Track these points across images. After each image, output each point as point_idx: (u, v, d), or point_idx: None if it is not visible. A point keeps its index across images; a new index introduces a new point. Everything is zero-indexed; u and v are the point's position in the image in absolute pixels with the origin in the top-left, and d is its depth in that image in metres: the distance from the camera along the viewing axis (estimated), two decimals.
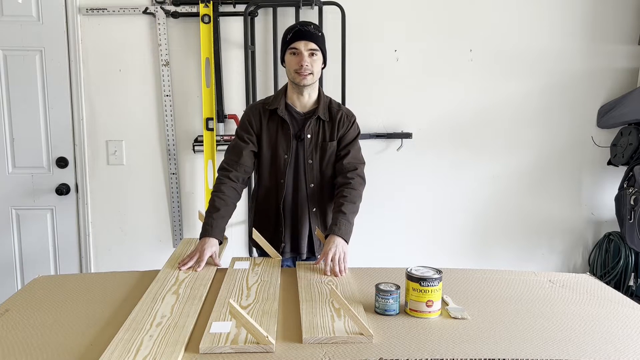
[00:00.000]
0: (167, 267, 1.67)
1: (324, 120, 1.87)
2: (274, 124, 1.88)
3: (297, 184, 1.90)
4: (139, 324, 1.24)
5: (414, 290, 1.34)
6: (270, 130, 1.88)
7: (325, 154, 1.88)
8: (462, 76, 2.73)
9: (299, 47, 1.77)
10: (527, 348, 1.18)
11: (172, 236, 2.83)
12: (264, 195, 1.94)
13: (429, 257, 2.81)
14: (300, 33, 1.78)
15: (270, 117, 1.88)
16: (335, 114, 1.88)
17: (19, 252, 2.78)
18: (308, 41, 1.77)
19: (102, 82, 2.70)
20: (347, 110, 1.94)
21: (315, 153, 1.88)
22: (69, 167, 2.72)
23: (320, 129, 1.88)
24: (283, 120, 1.86)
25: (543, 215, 2.87)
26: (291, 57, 1.80)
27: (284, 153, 1.86)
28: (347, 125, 1.89)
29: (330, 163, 1.90)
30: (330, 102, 1.93)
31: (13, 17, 2.59)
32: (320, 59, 1.82)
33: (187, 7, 2.62)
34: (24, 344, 1.20)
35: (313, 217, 1.91)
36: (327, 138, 1.88)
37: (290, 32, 1.80)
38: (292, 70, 1.80)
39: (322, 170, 1.90)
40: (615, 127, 2.74)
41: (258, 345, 1.15)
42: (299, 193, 1.90)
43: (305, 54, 1.77)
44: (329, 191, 1.93)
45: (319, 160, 1.89)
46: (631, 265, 2.68)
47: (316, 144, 1.88)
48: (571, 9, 2.69)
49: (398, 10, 2.67)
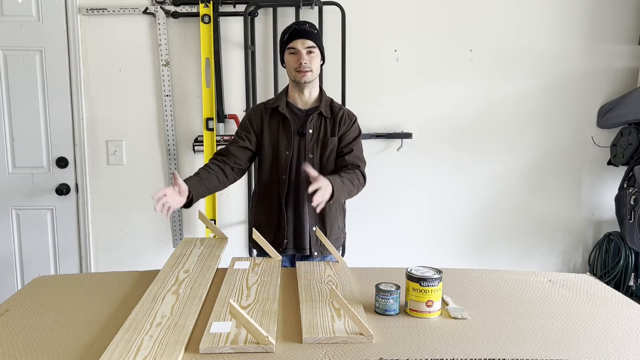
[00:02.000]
0: (167, 267, 1.67)
1: (325, 117, 1.91)
2: (276, 122, 1.92)
3: (299, 179, 1.91)
4: (139, 324, 1.24)
5: (414, 290, 1.34)
6: (272, 128, 1.92)
7: (326, 149, 1.91)
8: (462, 76, 2.73)
9: (297, 46, 1.83)
10: (527, 348, 1.18)
11: (172, 236, 2.83)
12: (266, 193, 1.95)
13: (428, 256, 2.81)
14: (297, 32, 1.83)
15: (272, 115, 1.92)
16: (337, 112, 1.93)
17: (19, 252, 2.78)
18: (305, 39, 1.83)
19: (102, 82, 2.70)
20: (349, 111, 1.99)
21: (316, 148, 1.91)
22: (69, 167, 2.72)
23: (322, 125, 1.91)
24: (284, 117, 1.89)
25: (543, 215, 2.87)
26: (290, 57, 1.85)
27: (285, 149, 1.89)
28: (348, 123, 1.93)
29: (331, 159, 1.92)
30: (332, 101, 1.97)
31: (13, 17, 2.59)
32: (318, 56, 1.87)
33: (187, 7, 2.62)
34: (24, 344, 1.20)
35: (312, 212, 1.91)
36: (329, 133, 1.91)
37: (287, 33, 1.86)
38: (292, 69, 1.85)
39: (322, 165, 1.91)
40: (615, 127, 2.74)
41: (258, 345, 1.15)
42: (301, 189, 1.92)
43: (303, 52, 1.82)
44: None
45: (319, 155, 1.91)
46: (631, 265, 2.68)
47: (317, 139, 1.90)
48: (571, 9, 2.69)
49: (398, 10, 2.68)
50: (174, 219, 2.80)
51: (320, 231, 1.83)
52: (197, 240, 1.93)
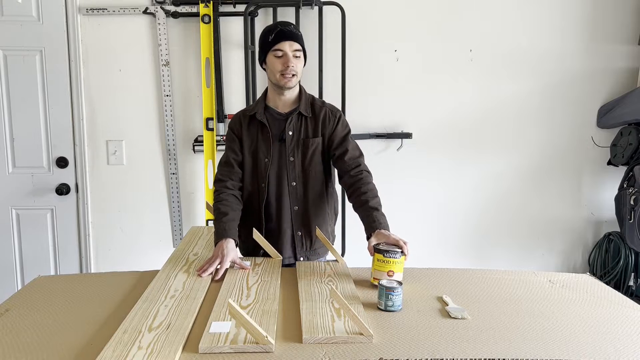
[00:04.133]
0: (167, 267, 1.67)
1: (306, 117, 1.81)
2: (255, 129, 1.83)
3: (280, 185, 1.84)
4: (138, 324, 1.24)
5: (378, 260, 1.54)
6: (251, 135, 1.83)
7: (307, 150, 1.81)
8: (462, 76, 2.73)
9: (284, 48, 1.71)
10: (527, 348, 1.18)
11: (172, 236, 2.83)
12: (246, 201, 1.88)
13: (429, 256, 2.81)
14: (284, 34, 1.71)
15: (251, 122, 1.83)
16: (319, 111, 1.82)
17: (19, 252, 2.78)
18: (293, 42, 1.71)
19: (102, 82, 2.70)
20: (331, 106, 1.87)
21: (297, 150, 1.81)
22: (69, 167, 2.72)
23: (302, 125, 1.82)
24: (262, 124, 1.81)
25: (543, 215, 2.87)
26: (275, 60, 1.72)
27: (264, 157, 1.81)
28: (333, 121, 1.83)
29: (314, 161, 1.83)
30: (313, 99, 1.87)
31: (13, 17, 2.59)
32: (302, 59, 1.77)
33: (187, 7, 2.62)
34: (24, 344, 1.20)
35: (295, 216, 1.85)
36: (310, 134, 1.81)
37: (272, 33, 1.72)
38: (277, 72, 1.73)
39: (304, 167, 1.83)
40: (615, 127, 2.74)
41: (257, 345, 1.15)
42: (282, 194, 1.84)
43: (291, 55, 1.71)
44: (313, 190, 1.85)
45: (300, 157, 1.82)
46: (631, 265, 2.67)
47: (298, 140, 1.81)
48: (571, 9, 2.69)
49: (398, 10, 2.68)
50: (174, 219, 2.80)
51: (321, 233, 1.81)
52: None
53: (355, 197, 1.79)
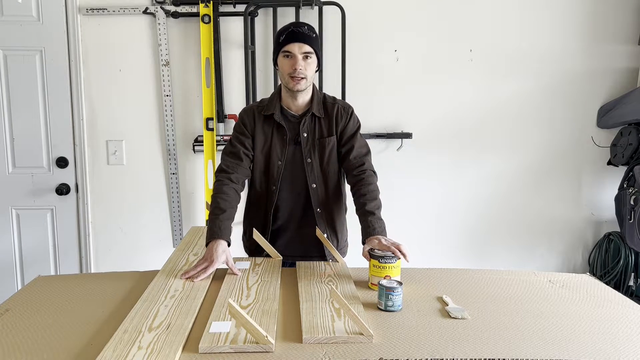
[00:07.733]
0: (167, 267, 1.67)
1: (319, 117, 1.79)
2: (269, 128, 1.80)
3: (294, 189, 1.82)
4: (138, 324, 1.24)
5: (374, 266, 1.54)
6: (265, 134, 1.80)
7: (324, 150, 1.80)
8: (462, 76, 2.73)
9: (293, 50, 1.68)
10: (527, 348, 1.18)
11: (172, 236, 2.83)
12: (255, 201, 1.87)
13: (429, 257, 2.81)
14: (294, 35, 1.68)
15: (265, 121, 1.80)
16: (331, 109, 1.81)
17: (19, 252, 2.78)
18: (302, 43, 1.68)
19: (102, 82, 2.70)
20: (343, 103, 1.86)
21: (313, 151, 1.80)
22: (69, 167, 2.72)
23: (316, 126, 1.80)
24: (279, 125, 1.78)
25: (543, 215, 2.87)
26: (284, 60, 1.70)
27: (277, 159, 1.79)
28: (345, 117, 1.81)
29: (331, 161, 1.82)
30: (325, 97, 1.85)
31: (13, 17, 2.59)
32: (314, 62, 1.73)
33: (187, 7, 2.62)
34: (24, 344, 1.20)
35: (319, 218, 1.83)
36: (325, 134, 1.80)
37: (283, 34, 1.70)
38: (286, 74, 1.71)
39: (323, 168, 1.81)
40: (615, 127, 2.74)
41: (257, 345, 1.15)
42: (298, 198, 1.83)
43: (299, 57, 1.68)
44: (333, 191, 1.85)
45: (318, 159, 1.81)
46: (631, 265, 2.68)
47: (313, 141, 1.79)
48: (571, 9, 2.69)
49: (398, 10, 2.68)
50: (174, 219, 2.80)
51: (321, 233, 1.81)
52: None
53: (355, 200, 1.79)
